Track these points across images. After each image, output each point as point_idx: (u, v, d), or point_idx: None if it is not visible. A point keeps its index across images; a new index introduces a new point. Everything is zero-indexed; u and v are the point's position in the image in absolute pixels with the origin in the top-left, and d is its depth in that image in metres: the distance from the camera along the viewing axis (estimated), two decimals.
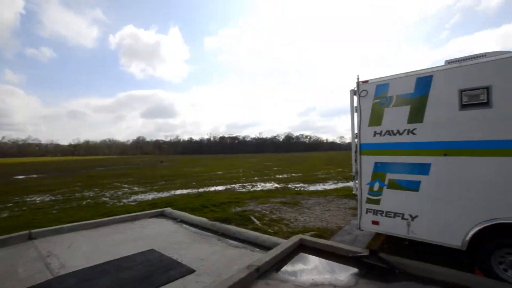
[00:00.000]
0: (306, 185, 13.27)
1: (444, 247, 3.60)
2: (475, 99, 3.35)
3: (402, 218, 3.87)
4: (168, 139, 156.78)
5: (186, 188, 13.12)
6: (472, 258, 3.48)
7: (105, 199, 10.66)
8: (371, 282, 3.42)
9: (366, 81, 4.25)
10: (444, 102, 3.55)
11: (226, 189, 12.54)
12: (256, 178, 17.04)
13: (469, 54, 3.76)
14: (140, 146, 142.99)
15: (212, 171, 23.33)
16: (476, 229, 3.32)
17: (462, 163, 3.45)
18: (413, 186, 3.77)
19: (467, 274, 3.37)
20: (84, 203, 9.88)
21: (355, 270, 3.77)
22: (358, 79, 4.32)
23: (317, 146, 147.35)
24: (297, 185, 13.33)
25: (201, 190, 12.49)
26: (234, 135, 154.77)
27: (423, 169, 3.68)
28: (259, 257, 3.88)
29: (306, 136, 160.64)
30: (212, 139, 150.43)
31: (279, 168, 25.75)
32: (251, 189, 12.34)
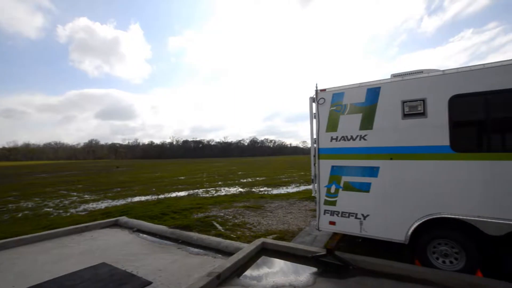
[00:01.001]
0: (270, 189, 13.50)
1: (391, 242, 3.96)
2: (414, 109, 3.80)
3: (356, 218, 4.17)
4: (126, 142, 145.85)
5: (144, 195, 12.34)
6: (413, 250, 3.90)
7: (48, 209, 9.46)
8: (328, 280, 3.61)
9: (324, 90, 4.52)
10: (389, 111, 3.96)
11: (188, 195, 12.13)
12: (220, 183, 16.81)
13: (411, 70, 4.23)
14: (92, 150, 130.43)
15: (174, 176, 22.37)
16: (416, 224, 3.73)
17: (404, 166, 3.86)
18: (365, 188, 4.10)
19: (409, 265, 3.77)
20: (20, 215, 8.63)
21: (314, 269, 3.95)
22: (316, 87, 4.58)
23: (281, 150, 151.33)
24: (261, 189, 13.49)
25: (161, 196, 11.87)
26: (198, 139, 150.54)
27: (373, 172, 4.04)
28: (221, 263, 3.82)
29: (271, 141, 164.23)
30: (175, 142, 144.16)
31: (244, 172, 25.80)
32: (215, 194, 12.13)
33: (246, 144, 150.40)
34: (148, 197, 11.67)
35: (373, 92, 4.10)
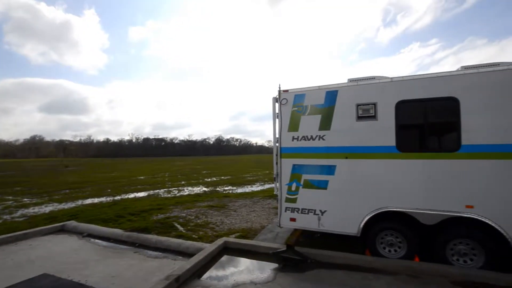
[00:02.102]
0: (234, 188, 13.48)
1: (345, 235, 4.26)
2: (366, 112, 4.13)
3: (314, 214, 4.39)
4: (77, 139, 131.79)
5: (98, 197, 11.36)
6: (364, 242, 4.24)
7: None
8: (287, 274, 3.74)
9: (287, 90, 4.66)
10: (345, 113, 4.24)
11: (148, 196, 11.49)
12: (183, 182, 16.27)
13: (365, 76, 4.53)
14: (36, 148, 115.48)
15: (132, 176, 20.99)
16: (367, 217, 4.07)
17: (358, 164, 4.17)
18: (323, 185, 4.33)
19: (360, 255, 4.09)
20: None
21: (275, 265, 4.05)
22: (279, 88, 4.70)
23: (247, 149, 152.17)
24: (226, 188, 13.40)
25: (117, 197, 11.05)
26: (160, 137, 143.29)
27: (330, 170, 4.29)
28: (181, 265, 3.70)
29: (237, 139, 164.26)
30: (134, 140, 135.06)
31: (209, 171, 25.35)
32: (177, 194, 11.70)
33: (211, 142, 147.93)
34: (103, 199, 10.77)
35: (331, 95, 4.34)
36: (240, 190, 12.74)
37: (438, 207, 3.73)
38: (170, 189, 13.45)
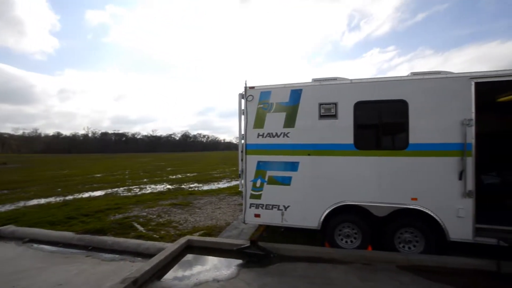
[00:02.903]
0: (200, 185, 13.19)
1: (307, 229, 4.44)
2: (328, 111, 4.33)
3: (278, 209, 4.49)
4: (19, 132, 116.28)
5: (45, 197, 10.22)
6: (323, 234, 4.47)
7: None
8: (251, 270, 3.78)
9: (253, 87, 4.67)
10: (309, 112, 4.39)
11: (105, 195, 10.67)
12: (145, 180, 15.44)
13: (328, 76, 4.71)
14: None
15: (88, 174, 19.29)
16: (327, 211, 4.29)
17: (320, 161, 4.36)
18: (286, 181, 4.45)
19: (320, 247, 4.30)
20: None
21: (239, 261, 4.06)
22: (246, 84, 4.68)
23: (214, 145, 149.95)
24: (191, 185, 13.05)
25: (69, 197, 10.06)
26: (121, 131, 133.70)
27: (294, 166, 4.42)
28: (139, 267, 3.51)
29: (204, 136, 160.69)
30: (90, 135, 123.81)
31: (174, 168, 24.43)
32: (138, 193, 11.06)
33: (177, 138, 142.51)
34: (51, 199, 9.71)
35: (296, 93, 4.46)
36: (206, 187, 12.51)
37: (389, 200, 4.08)
38: (131, 187, 12.66)
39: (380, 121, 4.24)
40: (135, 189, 12.11)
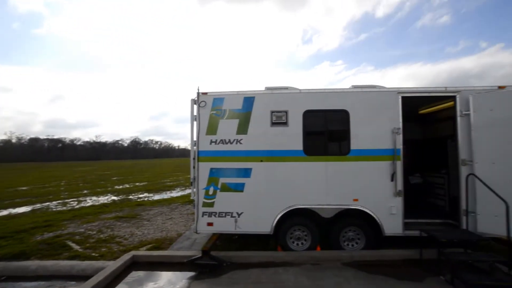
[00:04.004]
0: (151, 195, 12.33)
1: (260, 235, 4.48)
2: (279, 119, 4.51)
3: (231, 217, 4.45)
4: None
5: None
6: (276, 238, 4.57)
7: None
8: (203, 281, 3.64)
9: (206, 93, 4.59)
10: (261, 119, 4.50)
11: (33, 210, 9.17)
12: (85, 192, 13.78)
13: (281, 86, 4.90)
14: None
15: (8, 187, 16.34)
16: (279, 215, 4.41)
17: (272, 167, 4.49)
18: (240, 188, 4.45)
19: (272, 252, 4.38)
20: None
21: (190, 273, 3.87)
22: (198, 90, 4.58)
23: (168, 152, 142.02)
24: (141, 196, 12.10)
25: None
26: (56, 137, 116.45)
27: (247, 173, 4.46)
28: None
29: (157, 142, 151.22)
30: (15, 140, 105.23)
31: (121, 177, 22.38)
32: (76, 206, 9.79)
33: (125, 145, 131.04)
34: None
35: (249, 100, 4.54)
36: (157, 196, 11.75)
37: (334, 202, 4.40)
38: (67, 200, 11.14)
39: (326, 129, 4.58)
40: (71, 202, 10.69)
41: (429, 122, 6.84)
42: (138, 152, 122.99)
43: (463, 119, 4.37)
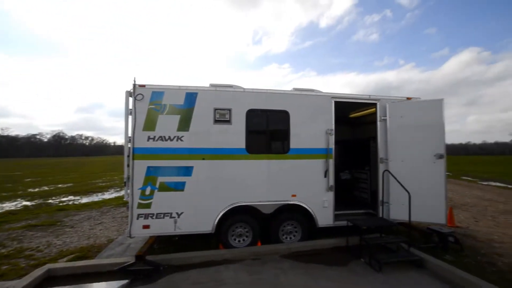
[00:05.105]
0: (77, 198, 10.78)
1: (202, 234, 4.37)
2: (223, 117, 4.47)
3: (171, 217, 4.22)
4: None
5: None
6: (218, 237, 4.53)
7: None
8: None
9: (143, 85, 4.23)
10: (204, 116, 4.39)
11: None
12: None
13: (226, 83, 4.84)
14: None
15: None
16: (222, 213, 4.38)
17: (214, 165, 4.42)
18: (180, 187, 4.26)
19: (213, 250, 4.32)
20: None
21: (122, 282, 3.53)
22: (134, 81, 4.19)
23: (102, 149, 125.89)
24: (64, 199, 10.46)
25: None
26: None
27: (188, 171, 4.29)
28: None
29: (87, 137, 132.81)
30: None
31: (37, 178, 18.92)
32: None
33: (45, 140, 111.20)
34: None
35: (191, 96, 4.36)
36: (86, 199, 10.35)
37: (274, 198, 4.60)
38: None
39: (268, 128, 4.74)
40: None
41: (357, 125, 7.79)
42: (63, 149, 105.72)
43: (382, 123, 5.11)
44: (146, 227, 4.15)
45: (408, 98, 5.20)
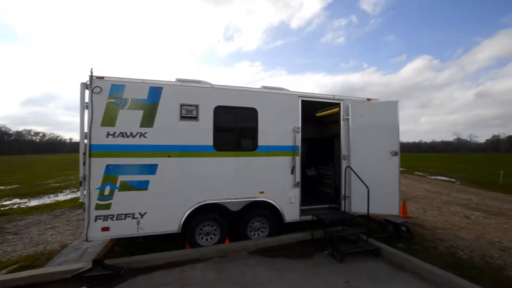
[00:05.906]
0: (24, 200, 9.66)
1: (167, 235, 4.21)
2: (189, 113, 4.34)
3: (133, 218, 3.99)
4: None
5: None
6: (184, 236, 4.41)
7: None
8: None
9: (102, 78, 3.92)
10: (169, 112, 4.21)
11: None
12: None
13: (193, 79, 4.71)
14: None
15: None
16: (188, 212, 4.27)
17: (180, 162, 4.27)
18: (143, 186, 4.05)
19: (179, 250, 4.20)
20: None
21: None
22: (91, 73, 3.86)
23: (55, 147, 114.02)
24: (6, 203, 9.30)
25: None
26: None
27: (152, 169, 4.09)
28: None
29: (37, 133, 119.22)
30: None
31: None
32: None
33: None
34: None
35: (155, 91, 4.16)
36: (34, 202, 9.33)
37: (242, 195, 4.61)
38: None
39: (236, 125, 4.72)
40: None
41: (323, 124, 8.12)
42: (6, 146, 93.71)
43: (345, 123, 5.39)
44: (105, 229, 3.88)
45: (368, 99, 5.56)
